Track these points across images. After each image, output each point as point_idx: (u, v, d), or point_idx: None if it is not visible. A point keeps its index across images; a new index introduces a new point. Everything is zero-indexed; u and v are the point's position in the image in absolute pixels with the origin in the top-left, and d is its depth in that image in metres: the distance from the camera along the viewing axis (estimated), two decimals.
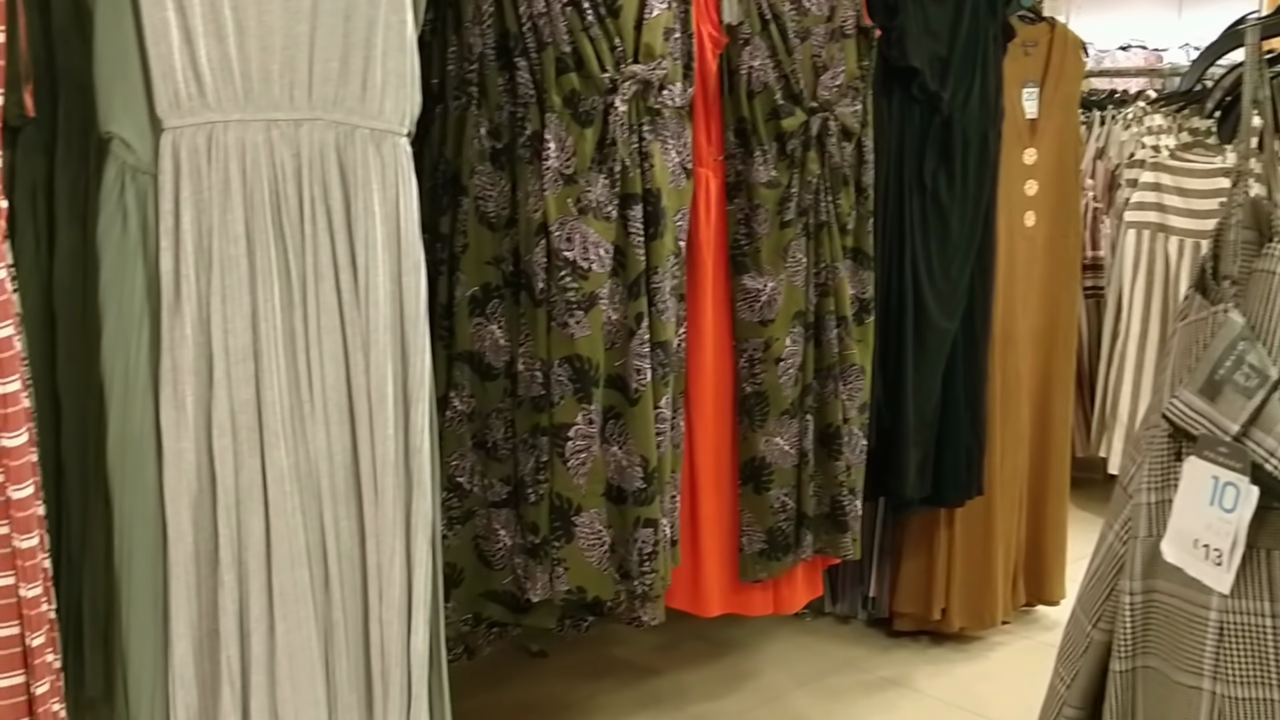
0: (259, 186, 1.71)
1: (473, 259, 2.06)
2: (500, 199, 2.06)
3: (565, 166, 2.04)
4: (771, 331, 2.42)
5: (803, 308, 2.46)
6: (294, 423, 1.77)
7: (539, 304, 2.06)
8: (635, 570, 2.14)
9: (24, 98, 1.56)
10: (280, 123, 1.72)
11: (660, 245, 2.14)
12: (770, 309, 2.42)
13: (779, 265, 2.42)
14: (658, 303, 2.15)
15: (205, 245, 1.69)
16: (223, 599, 1.73)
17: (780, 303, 2.42)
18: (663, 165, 2.15)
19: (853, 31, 2.47)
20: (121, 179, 1.66)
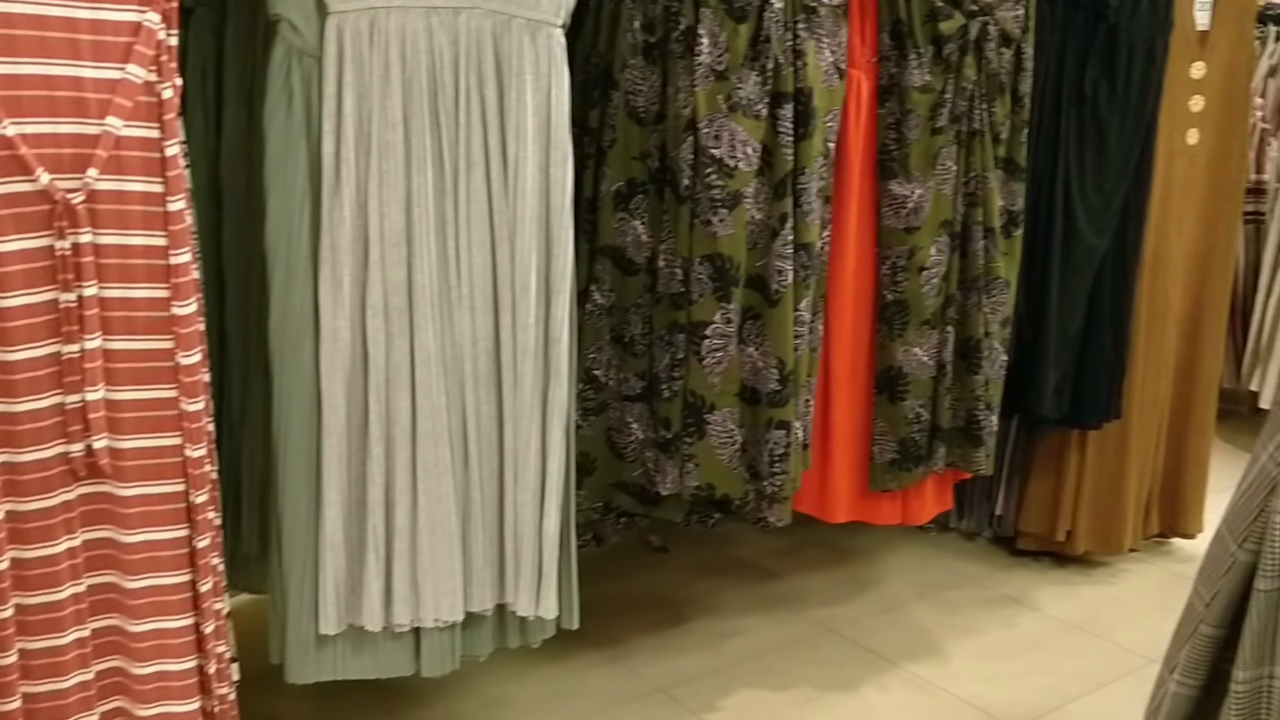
0: (418, 73, 1.73)
1: (619, 154, 2.07)
2: (650, 94, 2.06)
3: (717, 63, 2.02)
4: (916, 240, 2.38)
5: (950, 217, 2.41)
6: (441, 307, 1.82)
7: (683, 201, 2.06)
8: (765, 471, 2.16)
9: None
10: (440, 10, 1.74)
11: (809, 146, 2.11)
12: (916, 216, 2.37)
13: (928, 172, 2.36)
14: (803, 204, 2.13)
15: (365, 129, 1.73)
16: (370, 471, 1.80)
17: (927, 210, 2.38)
18: (816, 64, 2.11)
19: None
20: (288, 61, 1.71)
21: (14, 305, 1.43)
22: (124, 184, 1.50)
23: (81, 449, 1.49)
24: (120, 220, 1.50)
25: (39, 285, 1.45)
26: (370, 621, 1.83)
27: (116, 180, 1.50)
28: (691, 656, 2.57)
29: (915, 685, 2.49)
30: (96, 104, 1.48)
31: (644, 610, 2.76)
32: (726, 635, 2.68)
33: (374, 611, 1.83)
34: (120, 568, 1.54)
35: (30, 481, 1.46)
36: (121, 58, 1.50)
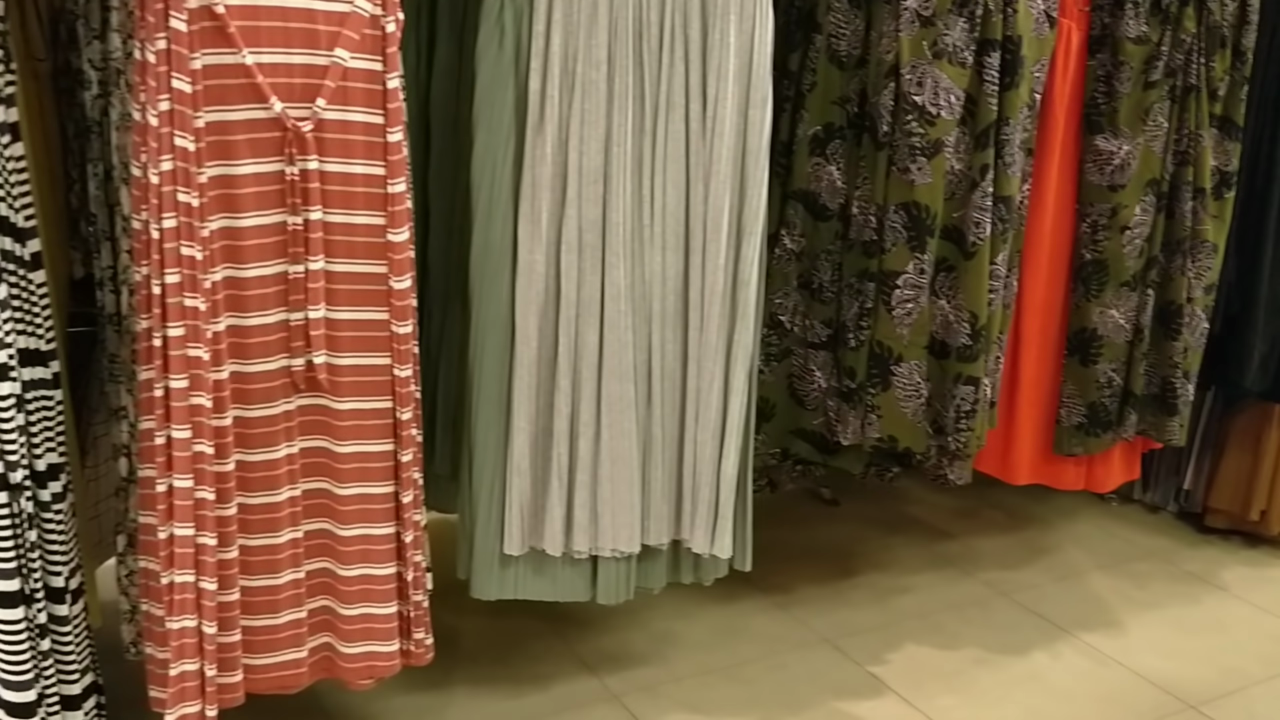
0: (624, 13, 1.78)
1: (819, 98, 2.08)
2: (853, 38, 2.06)
3: (924, 7, 2.00)
4: (1121, 198, 2.33)
5: (1157, 175, 2.34)
6: (633, 245, 1.87)
7: (881, 147, 2.06)
8: (950, 426, 2.16)
9: None
10: None
11: (1014, 96, 2.08)
12: (1122, 174, 2.31)
13: (1137, 128, 2.30)
14: (1005, 155, 2.10)
15: (570, 68, 1.79)
16: (558, 401, 1.88)
17: (1134, 168, 2.32)
18: (1026, 11, 2.07)
19: None
20: (501, 1, 1.77)
21: (248, 225, 1.55)
22: (349, 114, 1.60)
23: (302, 363, 1.61)
24: (344, 149, 1.60)
25: (270, 208, 1.57)
26: (551, 546, 1.92)
27: (342, 110, 1.59)
28: (859, 610, 2.59)
29: (1088, 655, 2.47)
30: (326, 35, 1.58)
31: (813, 560, 2.80)
32: (895, 591, 2.69)
33: (555, 537, 1.92)
34: (332, 476, 1.66)
35: (256, 391, 1.58)
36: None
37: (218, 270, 1.53)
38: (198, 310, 1.49)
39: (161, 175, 1.46)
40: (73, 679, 1.62)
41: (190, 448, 1.50)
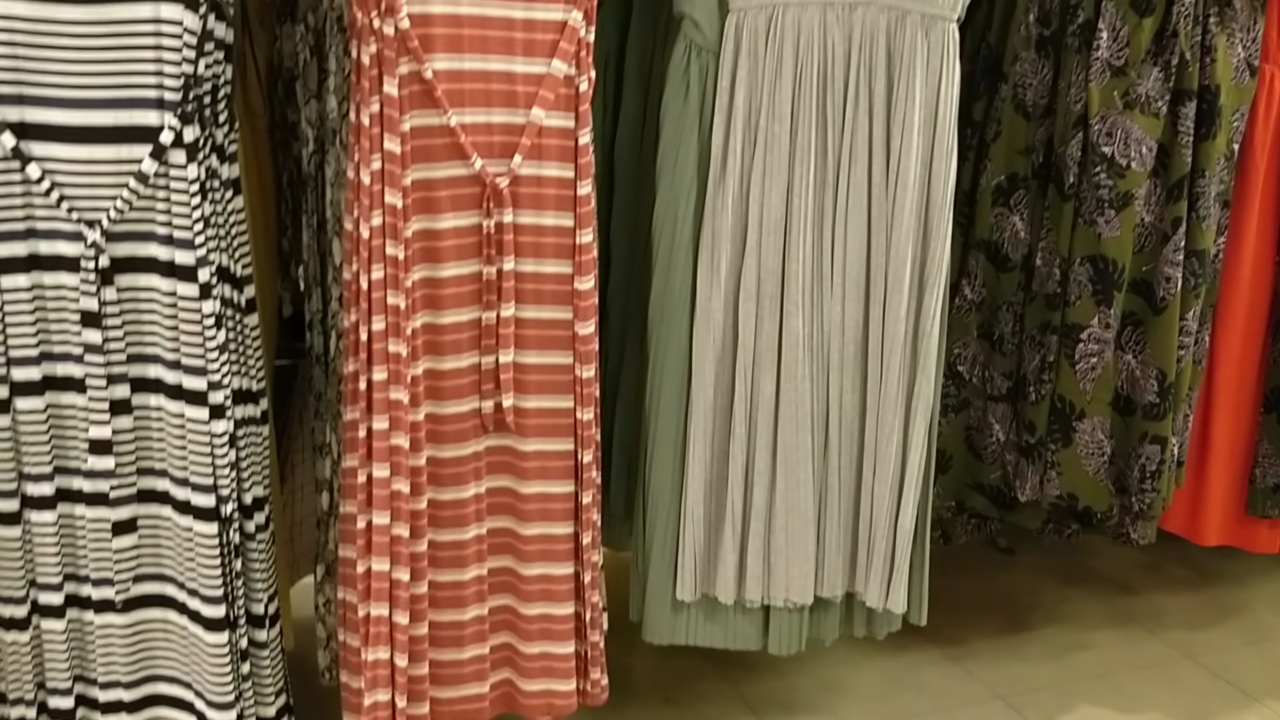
0: (809, 69, 1.83)
1: (1003, 147, 2.08)
2: (1040, 87, 2.06)
3: (1115, 57, 1.99)
4: None
5: None
6: (813, 294, 1.91)
7: (1067, 199, 2.05)
8: (1134, 486, 2.13)
9: None
10: (836, 6, 1.82)
11: (1211, 147, 2.04)
12: None
13: None
14: (1199, 208, 2.06)
15: (753, 122, 1.84)
16: (733, 449, 1.93)
17: None
18: (1226, 60, 2.03)
19: None
20: (688, 55, 1.85)
21: (447, 275, 1.65)
22: (543, 169, 1.69)
23: (492, 406, 1.70)
24: (536, 202, 1.69)
25: (467, 258, 1.67)
26: (724, 593, 1.97)
27: (537, 165, 1.68)
28: (1034, 665, 2.55)
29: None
30: (524, 96, 1.67)
31: (986, 611, 2.76)
32: (1073, 647, 2.64)
33: (728, 584, 1.96)
34: (517, 515, 1.74)
35: (449, 432, 1.68)
36: (548, 53, 1.68)
37: (418, 317, 1.64)
38: (400, 355, 1.59)
39: (371, 230, 1.57)
40: (269, 700, 1.73)
41: (389, 486, 1.60)
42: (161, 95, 1.45)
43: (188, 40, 1.44)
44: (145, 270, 1.52)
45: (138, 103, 1.45)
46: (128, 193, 1.48)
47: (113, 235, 1.50)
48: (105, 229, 1.49)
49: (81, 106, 1.44)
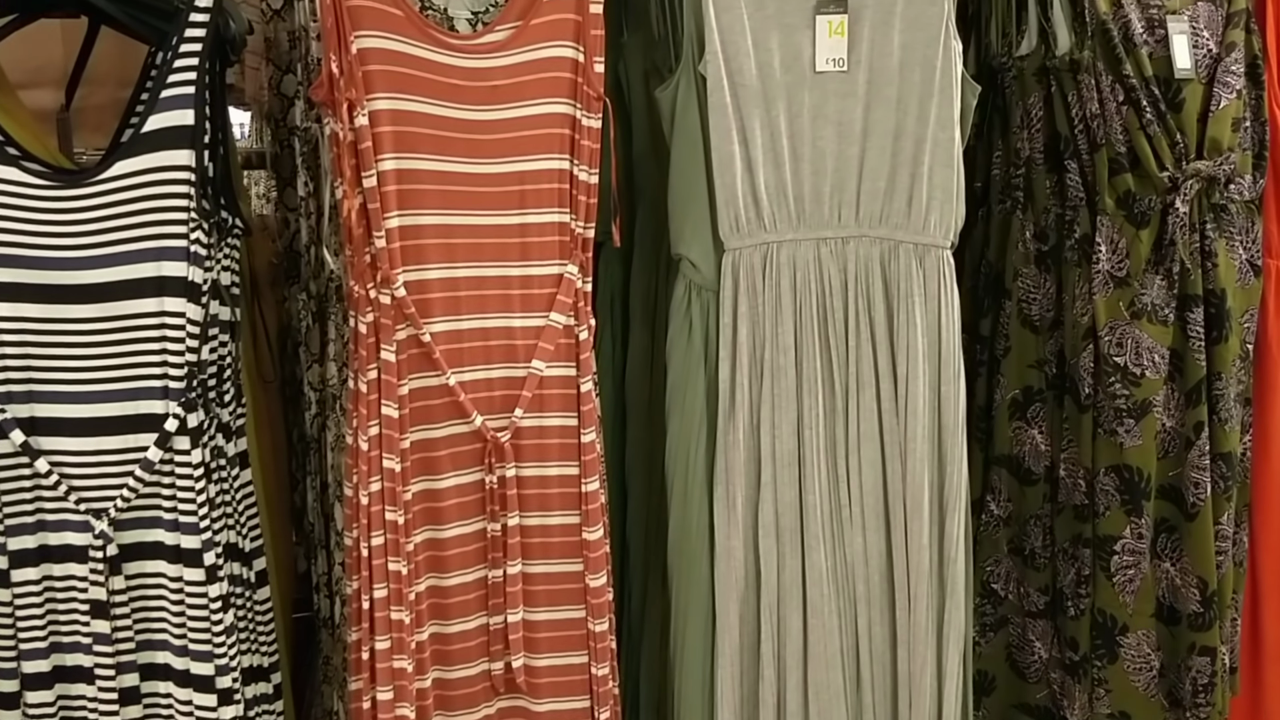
0: (808, 301, 1.85)
1: (1014, 362, 2.08)
2: (1044, 301, 2.06)
3: (1117, 269, 2.00)
4: None
5: None
6: (833, 526, 1.88)
7: (1084, 409, 2.02)
8: (1188, 700, 2.03)
9: (613, 229, 1.80)
10: (829, 240, 1.85)
11: (1224, 350, 2.02)
12: None
13: None
14: (1220, 411, 2.03)
15: (758, 356, 1.85)
16: (763, 692, 1.87)
17: None
18: (1228, 264, 2.03)
19: None
20: (688, 295, 1.87)
21: (450, 535, 1.65)
22: (545, 420, 1.70)
23: (502, 666, 1.67)
24: (540, 453, 1.69)
25: (470, 516, 1.66)
26: None
27: (538, 417, 1.69)
28: None
29: None
30: (524, 349, 1.70)
31: None
32: None
33: None
34: None
35: (458, 697, 1.64)
36: (546, 306, 1.71)
37: (422, 581, 1.62)
38: (403, 623, 1.57)
39: (370, 495, 1.57)
40: None
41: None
42: (166, 385, 1.49)
43: (191, 330, 1.48)
44: (152, 556, 1.52)
45: (143, 393, 1.49)
46: (134, 481, 1.50)
47: (120, 523, 1.51)
48: (112, 518, 1.50)
49: (89, 400, 1.48)
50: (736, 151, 1.82)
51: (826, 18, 1.82)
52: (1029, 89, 2.02)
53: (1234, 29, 2.05)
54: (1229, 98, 2.02)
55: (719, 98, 1.81)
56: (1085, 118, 1.97)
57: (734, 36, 1.81)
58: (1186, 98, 2.00)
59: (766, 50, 1.82)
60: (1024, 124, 2.03)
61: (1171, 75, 2.00)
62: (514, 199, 1.69)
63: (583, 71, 1.72)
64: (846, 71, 1.83)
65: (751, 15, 1.81)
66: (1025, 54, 2.02)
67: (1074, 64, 1.96)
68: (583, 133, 1.72)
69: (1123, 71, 1.96)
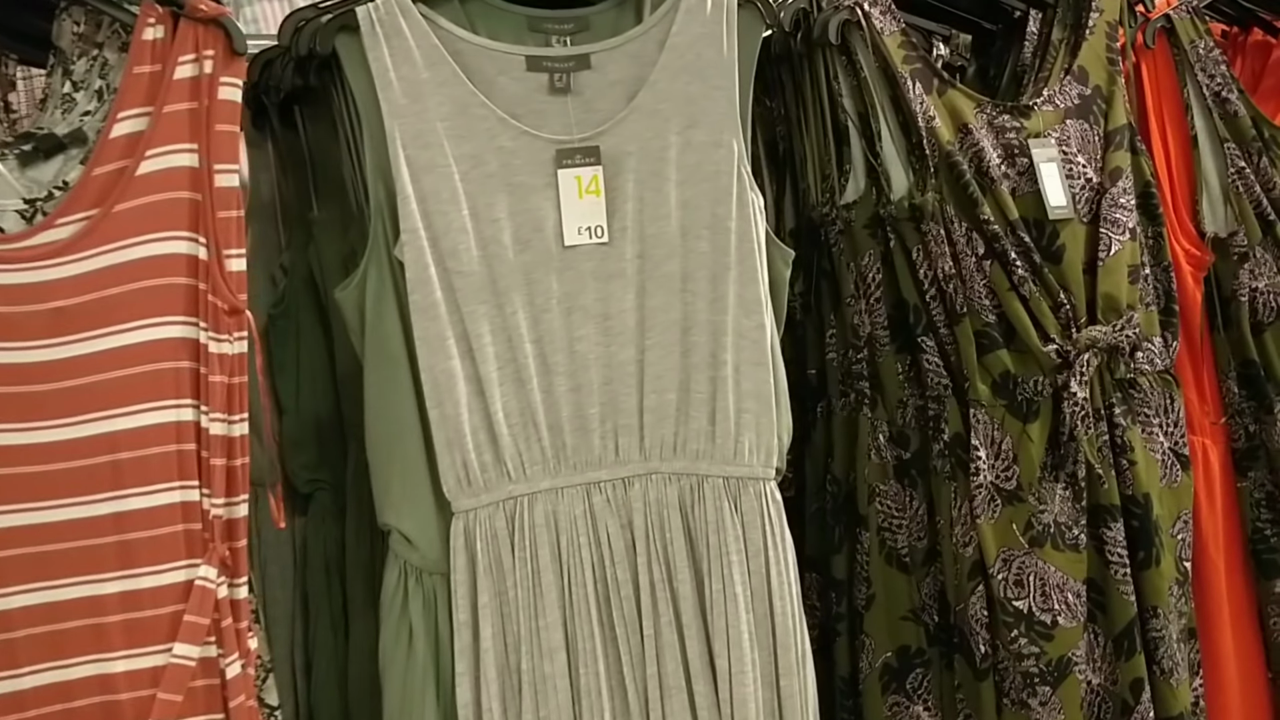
0: (580, 576, 1.30)
1: (881, 615, 1.54)
2: (914, 528, 1.54)
3: (1003, 480, 1.50)
4: None
5: None
6: None
7: (982, 675, 1.50)
8: None
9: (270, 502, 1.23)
10: (604, 484, 1.32)
11: (1156, 576, 1.54)
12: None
13: None
14: (1161, 660, 1.53)
15: (513, 664, 1.29)
16: None
17: None
18: (1148, 459, 1.56)
19: None
20: (404, 585, 1.31)
21: None
22: None
23: None
24: None
25: None
26: None
27: None
28: None
29: None
30: (133, 708, 1.11)
31: None
32: None
33: None
34: None
35: None
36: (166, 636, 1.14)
37: None
38: None
39: None
40: None
41: None
42: None
43: None
44: None
45: None
46: None
47: None
48: None
49: None
50: (458, 369, 1.28)
51: (573, 171, 1.31)
52: (860, 246, 1.53)
53: (1116, 151, 1.60)
54: (1121, 240, 1.56)
55: (426, 295, 1.27)
56: (937, 280, 1.49)
57: (441, 205, 1.28)
58: (1066, 243, 1.54)
59: (492, 222, 1.29)
60: (860, 292, 1.54)
61: (1044, 216, 1.54)
62: (102, 477, 1.13)
63: (207, 273, 1.17)
64: (608, 244, 1.32)
65: (466, 174, 1.28)
66: (852, 201, 1.53)
67: (915, 210, 1.48)
68: (212, 364, 1.17)
69: (980, 215, 1.49)
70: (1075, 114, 1.60)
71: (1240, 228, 1.73)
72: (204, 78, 1.19)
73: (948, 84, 1.54)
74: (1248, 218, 1.73)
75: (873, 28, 1.51)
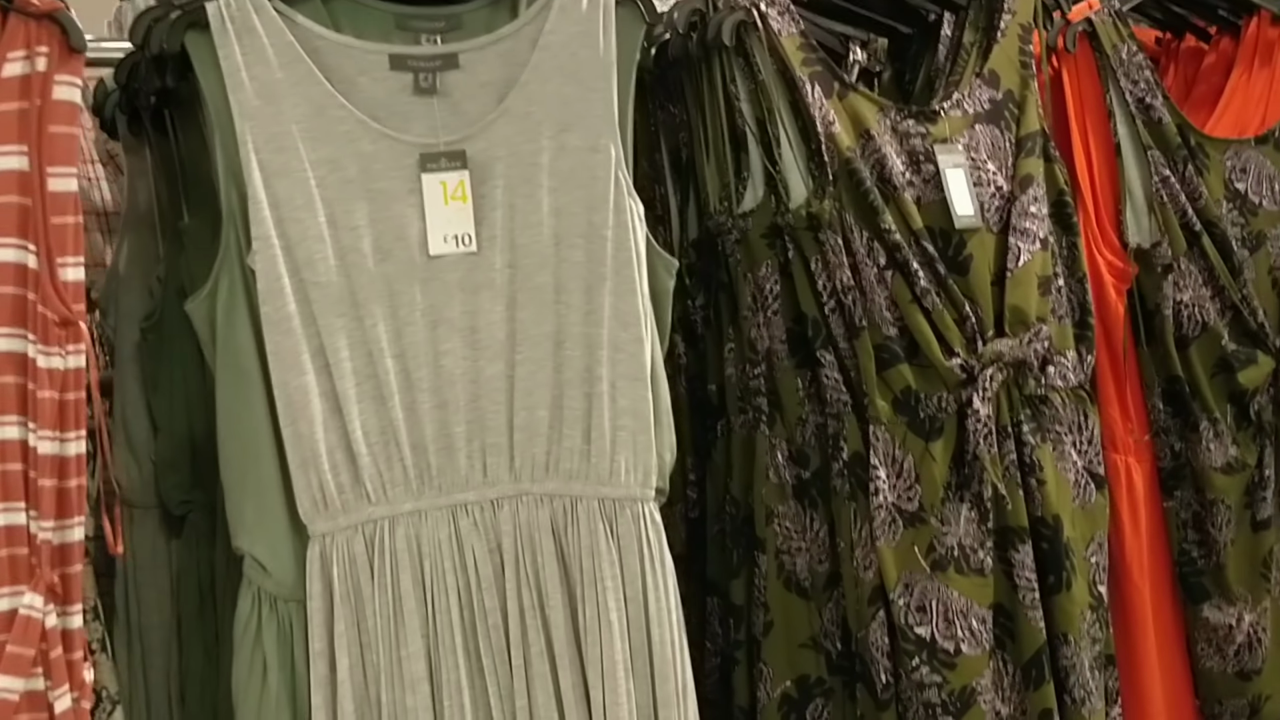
0: (444, 603, 1.24)
1: (781, 642, 1.48)
2: (814, 551, 1.48)
3: (904, 500, 1.44)
4: (1259, 686, 1.69)
5: None
6: None
7: (884, 706, 1.44)
8: None
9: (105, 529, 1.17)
10: (471, 506, 1.25)
11: (1067, 600, 1.48)
12: (1253, 653, 1.68)
13: (1259, 587, 1.69)
14: (1073, 689, 1.47)
15: (372, 696, 1.22)
16: None
17: (1268, 642, 1.68)
18: (1058, 479, 1.50)
19: None
20: (257, 613, 1.24)
21: None
22: None
23: None
24: None
25: None
26: None
27: None
28: None
29: None
30: None
31: None
32: None
33: None
34: None
35: None
36: None
37: None
38: None
39: None
40: None
41: None
42: None
43: None
44: None
45: None
46: None
47: None
48: None
49: None
50: (313, 385, 1.21)
51: (439, 176, 1.25)
52: (758, 256, 1.47)
53: (1028, 158, 1.55)
54: (1031, 250, 1.50)
55: (279, 306, 1.21)
56: (836, 291, 1.43)
57: (297, 212, 1.22)
58: (973, 253, 1.48)
59: (351, 230, 1.23)
60: (757, 304, 1.48)
61: (950, 225, 1.48)
62: None
63: (36, 282, 1.11)
64: (477, 253, 1.26)
65: (323, 180, 1.22)
66: (750, 210, 1.48)
67: (812, 219, 1.42)
68: (40, 379, 1.10)
69: (881, 225, 1.43)
70: (985, 119, 1.55)
71: (1164, 238, 1.67)
72: (36, 75, 1.13)
73: (849, 88, 1.49)
74: (1172, 228, 1.68)
75: (770, 29, 1.46)
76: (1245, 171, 1.76)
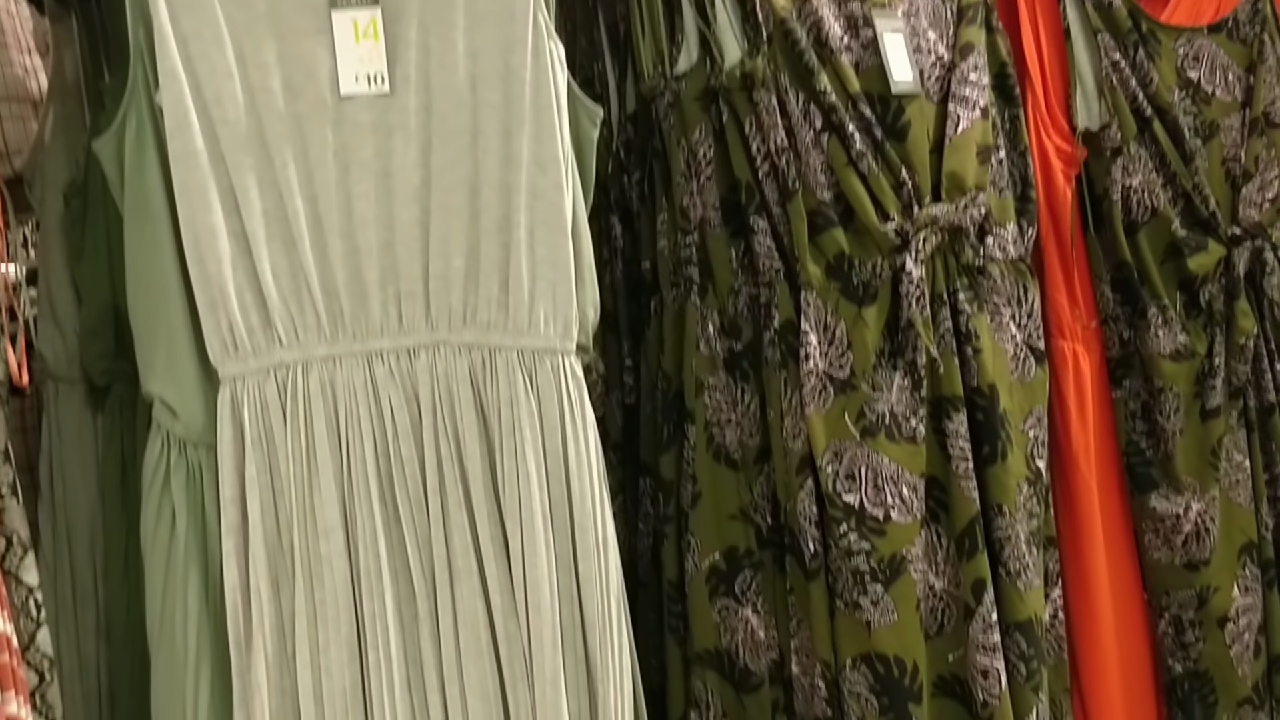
0: (359, 451, 1.23)
1: (709, 514, 1.48)
2: (745, 424, 1.48)
3: (836, 368, 1.43)
4: (1207, 578, 1.68)
5: (1254, 537, 1.71)
6: None
7: (813, 575, 1.43)
8: None
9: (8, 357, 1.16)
10: (386, 354, 1.24)
11: (1001, 472, 1.47)
12: (1200, 544, 1.67)
13: (1207, 476, 1.68)
14: (1008, 561, 1.46)
15: (285, 544, 1.22)
16: None
17: (1216, 532, 1.67)
18: (995, 349, 1.49)
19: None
20: (165, 459, 1.24)
21: None
22: None
23: None
24: None
25: None
26: None
27: None
28: None
29: None
30: None
31: None
32: None
33: None
34: None
35: None
36: None
37: None
38: None
39: None
40: None
41: None
42: None
43: None
44: None
45: None
46: None
47: None
48: None
49: None
50: (220, 225, 1.20)
51: (350, 13, 1.24)
52: (691, 120, 1.46)
53: (969, 26, 1.55)
54: (971, 118, 1.50)
55: (186, 143, 1.20)
56: (770, 154, 1.42)
57: (205, 48, 1.20)
58: (911, 120, 1.47)
59: (260, 67, 1.22)
60: (691, 171, 1.47)
61: (888, 91, 1.48)
62: None
63: None
64: (390, 94, 1.25)
65: (231, 16, 1.21)
66: (684, 72, 1.46)
67: (746, 78, 1.41)
68: None
69: (817, 87, 1.42)
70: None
71: (1113, 121, 1.66)
72: None
73: None
74: (1122, 112, 1.67)
75: None
76: (1198, 60, 1.75)
